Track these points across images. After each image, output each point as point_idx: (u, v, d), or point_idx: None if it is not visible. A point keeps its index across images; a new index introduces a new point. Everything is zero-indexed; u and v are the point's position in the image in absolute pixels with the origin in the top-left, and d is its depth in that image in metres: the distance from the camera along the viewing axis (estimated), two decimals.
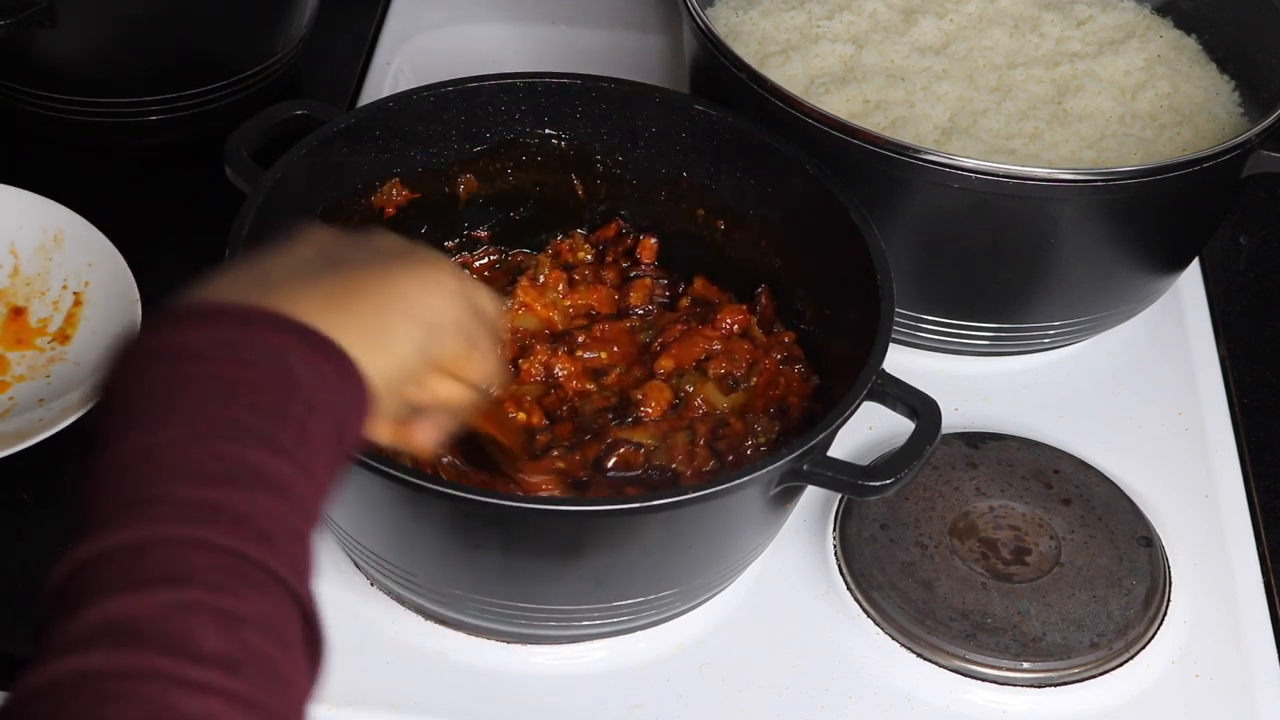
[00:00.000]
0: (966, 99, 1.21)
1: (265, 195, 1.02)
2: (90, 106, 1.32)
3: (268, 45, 1.37)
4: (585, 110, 1.15)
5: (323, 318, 0.67)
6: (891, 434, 1.12)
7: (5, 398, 1.13)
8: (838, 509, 1.11)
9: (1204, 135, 1.22)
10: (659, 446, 1.03)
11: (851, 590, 1.07)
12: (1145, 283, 1.22)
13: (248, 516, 0.59)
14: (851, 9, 1.28)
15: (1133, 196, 1.12)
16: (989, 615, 1.05)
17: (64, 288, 1.19)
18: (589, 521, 0.90)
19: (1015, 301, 1.19)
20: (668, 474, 1.03)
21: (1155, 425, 1.22)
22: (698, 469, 1.03)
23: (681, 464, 1.03)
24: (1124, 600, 1.07)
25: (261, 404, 0.62)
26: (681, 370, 1.09)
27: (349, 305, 0.69)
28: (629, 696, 1.01)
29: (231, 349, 0.64)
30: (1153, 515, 1.13)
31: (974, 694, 1.03)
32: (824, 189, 1.07)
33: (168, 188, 1.36)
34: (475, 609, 0.97)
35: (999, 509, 1.11)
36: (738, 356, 1.09)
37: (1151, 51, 1.28)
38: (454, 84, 1.13)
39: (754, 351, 1.10)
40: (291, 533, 0.61)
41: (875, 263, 1.02)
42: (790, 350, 1.11)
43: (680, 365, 1.09)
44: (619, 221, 1.18)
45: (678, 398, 1.07)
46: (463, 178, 1.16)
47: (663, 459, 1.03)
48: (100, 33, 1.29)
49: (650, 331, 1.13)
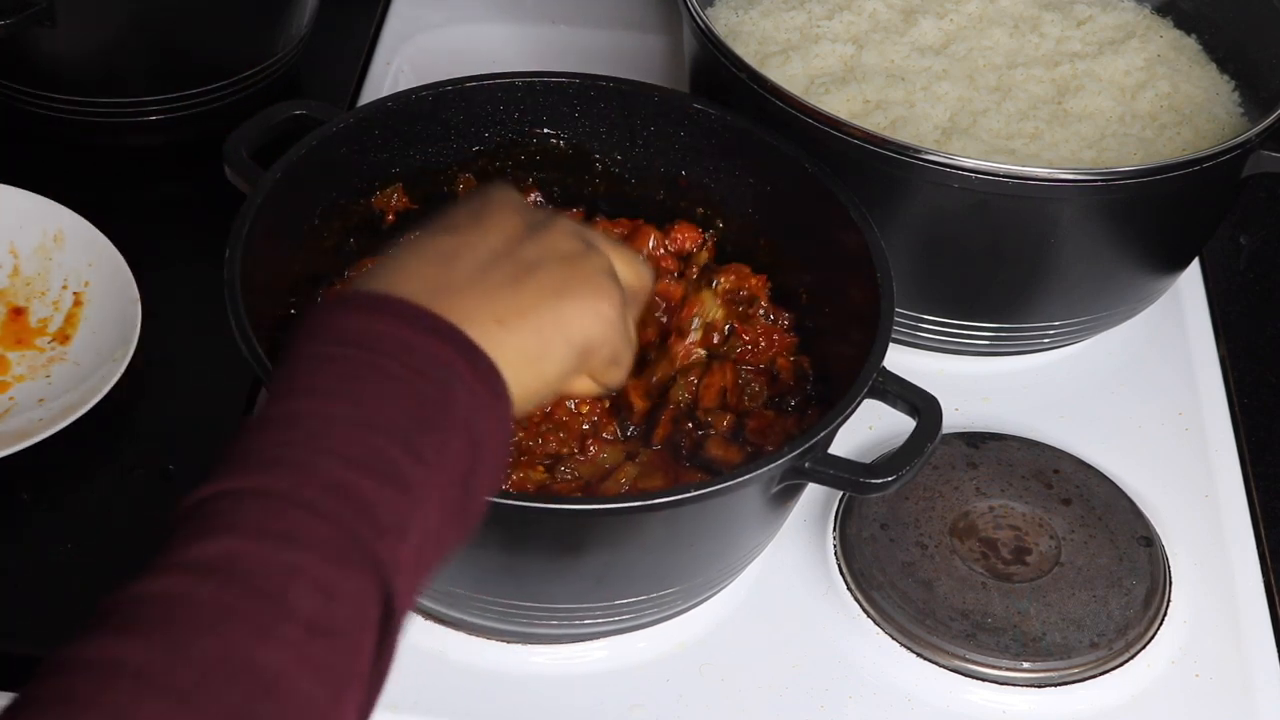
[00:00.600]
0: (966, 99, 1.21)
1: (265, 195, 1.02)
2: (90, 106, 1.32)
3: (268, 45, 1.37)
4: (584, 109, 1.15)
5: (490, 337, 0.72)
6: (891, 434, 1.12)
7: (5, 398, 1.13)
8: (838, 509, 1.11)
9: (1204, 135, 1.22)
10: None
11: (851, 590, 1.07)
12: (1145, 283, 1.22)
13: (372, 504, 0.64)
14: (851, 9, 1.28)
15: (1133, 196, 1.12)
16: (989, 615, 1.05)
17: (64, 288, 1.19)
18: (589, 520, 0.90)
19: (1015, 301, 1.19)
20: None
21: (1155, 425, 1.22)
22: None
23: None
24: (1124, 600, 1.07)
25: (419, 412, 0.67)
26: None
27: (517, 326, 0.74)
28: (629, 696, 1.01)
29: (408, 352, 0.69)
30: (1153, 515, 1.13)
31: (974, 694, 1.03)
32: (824, 188, 1.07)
33: (168, 188, 1.36)
34: (476, 608, 0.97)
35: (999, 509, 1.11)
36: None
37: (1151, 51, 1.28)
38: (453, 84, 1.13)
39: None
40: (403, 530, 0.65)
41: (875, 261, 1.02)
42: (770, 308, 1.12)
43: None
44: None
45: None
46: (462, 177, 1.16)
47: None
48: (100, 33, 1.29)
49: None
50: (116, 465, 1.12)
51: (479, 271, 0.75)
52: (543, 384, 0.76)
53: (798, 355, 1.10)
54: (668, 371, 1.07)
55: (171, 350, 1.18)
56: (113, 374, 1.10)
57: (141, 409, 1.15)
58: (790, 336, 1.11)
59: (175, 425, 1.15)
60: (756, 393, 1.07)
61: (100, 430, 1.11)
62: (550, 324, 0.76)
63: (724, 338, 1.09)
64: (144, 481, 1.11)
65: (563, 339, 0.76)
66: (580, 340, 0.77)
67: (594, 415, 1.04)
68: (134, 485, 1.11)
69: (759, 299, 1.12)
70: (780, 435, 1.04)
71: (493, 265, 0.76)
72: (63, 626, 1.02)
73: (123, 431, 1.14)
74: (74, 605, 1.03)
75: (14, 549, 1.07)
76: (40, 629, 1.02)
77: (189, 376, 1.18)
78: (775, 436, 1.04)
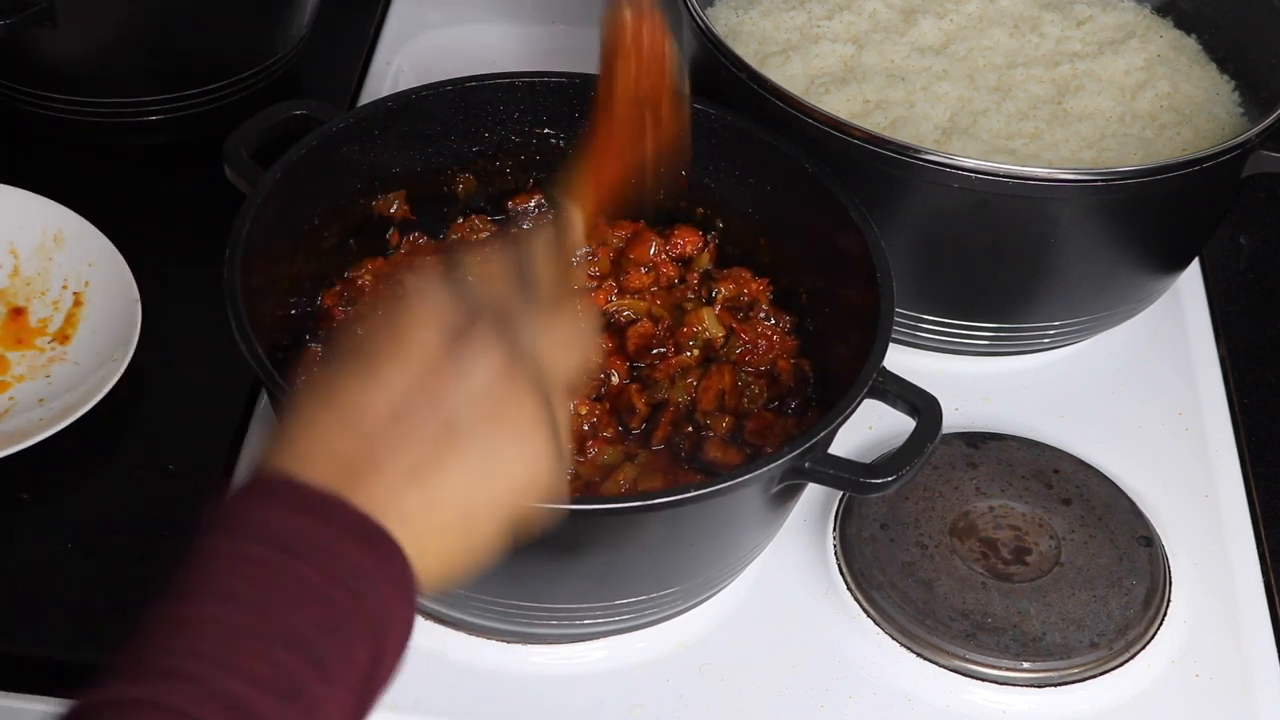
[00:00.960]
0: (966, 99, 1.21)
1: (265, 195, 1.02)
2: (90, 106, 1.32)
3: (268, 45, 1.37)
4: (584, 110, 1.15)
5: (411, 523, 0.69)
6: (891, 434, 1.12)
7: (5, 398, 1.13)
8: (838, 509, 1.11)
9: (1204, 135, 1.22)
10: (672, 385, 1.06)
11: (851, 590, 1.07)
12: (1145, 283, 1.22)
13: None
14: (851, 9, 1.28)
15: (1133, 196, 1.12)
16: (989, 615, 1.05)
17: (64, 288, 1.19)
18: (590, 520, 0.90)
19: (1015, 301, 1.19)
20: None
21: (1155, 425, 1.22)
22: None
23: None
24: (1124, 600, 1.07)
25: (328, 622, 0.65)
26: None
27: (442, 504, 0.71)
28: (629, 696, 1.01)
29: (326, 557, 0.67)
30: (1153, 515, 1.13)
31: (974, 694, 1.03)
32: (824, 188, 1.07)
33: (168, 188, 1.36)
34: (476, 608, 0.97)
35: (999, 509, 1.11)
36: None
37: (1151, 51, 1.28)
38: (453, 84, 1.13)
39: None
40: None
41: (875, 261, 1.02)
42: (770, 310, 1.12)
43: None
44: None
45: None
46: (461, 177, 1.16)
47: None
48: (100, 33, 1.29)
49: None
50: (116, 465, 1.12)
51: (396, 425, 0.70)
52: (469, 554, 0.73)
53: (798, 359, 1.10)
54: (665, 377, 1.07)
55: (171, 350, 1.18)
56: (113, 374, 1.10)
57: (141, 409, 1.15)
58: (791, 339, 1.11)
59: (175, 425, 1.15)
60: (756, 395, 1.07)
61: (100, 430, 1.11)
62: (477, 494, 0.72)
63: (724, 341, 1.10)
64: (144, 481, 1.11)
65: (489, 507, 0.72)
66: (509, 498, 0.73)
67: (594, 416, 1.04)
68: (134, 485, 1.11)
69: (760, 302, 1.12)
70: (779, 437, 1.04)
71: (409, 414, 0.71)
72: (63, 626, 1.03)
73: (123, 431, 1.14)
74: (74, 605, 1.04)
75: (14, 549, 1.07)
76: (40, 629, 1.02)
77: (189, 376, 1.18)
78: (774, 438, 1.04)
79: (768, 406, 1.07)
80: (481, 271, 0.77)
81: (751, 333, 1.10)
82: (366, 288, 1.11)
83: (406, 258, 1.14)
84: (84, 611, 1.03)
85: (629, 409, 1.04)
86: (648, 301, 1.11)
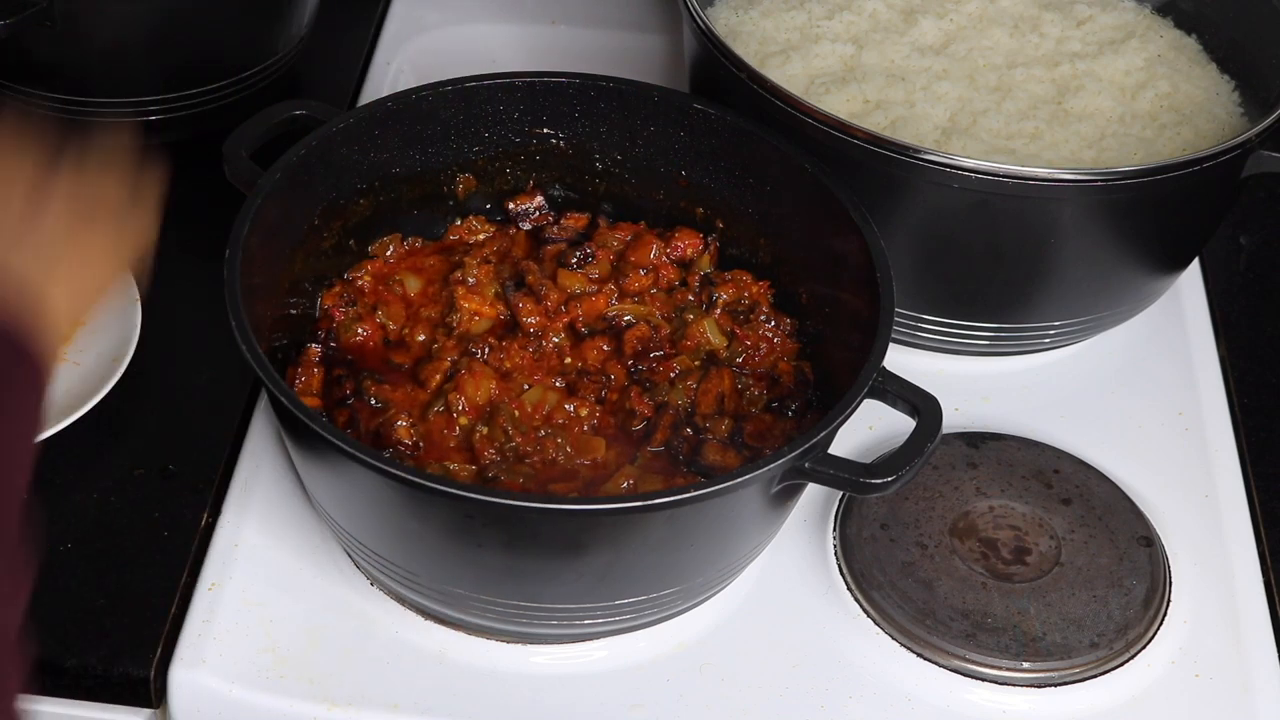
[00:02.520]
0: (966, 99, 1.21)
1: (265, 195, 1.02)
2: (90, 106, 1.32)
3: (268, 45, 1.37)
4: (584, 110, 1.15)
5: None
6: (891, 434, 1.12)
7: None
8: (838, 509, 1.11)
9: (1204, 135, 1.22)
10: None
11: (851, 590, 1.07)
12: (1145, 283, 1.22)
13: None
14: (851, 9, 1.28)
15: (1133, 196, 1.12)
16: (989, 615, 1.05)
17: None
18: (589, 520, 0.90)
19: (1015, 301, 1.19)
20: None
21: (1155, 425, 1.22)
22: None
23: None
24: (1124, 600, 1.07)
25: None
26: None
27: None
28: (629, 696, 1.01)
29: None
30: (1153, 515, 1.13)
31: (974, 694, 1.03)
32: (824, 188, 1.07)
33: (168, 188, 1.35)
34: (477, 608, 0.97)
35: (999, 509, 1.11)
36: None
37: (1151, 51, 1.28)
38: (453, 84, 1.14)
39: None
40: None
41: (875, 261, 1.02)
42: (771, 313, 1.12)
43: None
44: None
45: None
46: (461, 177, 1.16)
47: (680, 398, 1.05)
48: (100, 33, 1.28)
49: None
50: (116, 465, 1.12)
51: None
52: None
53: (799, 361, 1.10)
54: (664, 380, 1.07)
55: (171, 350, 1.18)
56: (113, 374, 1.10)
57: (141, 409, 1.15)
58: (792, 342, 1.11)
59: (175, 425, 1.15)
60: (756, 397, 1.07)
61: (100, 430, 1.11)
62: None
63: (726, 347, 1.10)
64: (144, 481, 1.11)
65: None
66: None
67: (594, 417, 1.04)
68: (134, 485, 1.11)
69: (760, 305, 1.12)
70: (779, 439, 1.04)
71: None
72: (62, 626, 1.03)
73: (123, 431, 1.14)
74: (74, 605, 1.03)
75: None
76: (40, 629, 1.02)
77: (189, 376, 1.18)
78: (774, 440, 1.04)
79: (767, 409, 1.07)
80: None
81: (753, 336, 1.10)
82: (366, 288, 1.11)
83: (407, 258, 1.14)
84: (84, 611, 1.03)
85: (629, 411, 1.04)
86: (649, 306, 1.11)
